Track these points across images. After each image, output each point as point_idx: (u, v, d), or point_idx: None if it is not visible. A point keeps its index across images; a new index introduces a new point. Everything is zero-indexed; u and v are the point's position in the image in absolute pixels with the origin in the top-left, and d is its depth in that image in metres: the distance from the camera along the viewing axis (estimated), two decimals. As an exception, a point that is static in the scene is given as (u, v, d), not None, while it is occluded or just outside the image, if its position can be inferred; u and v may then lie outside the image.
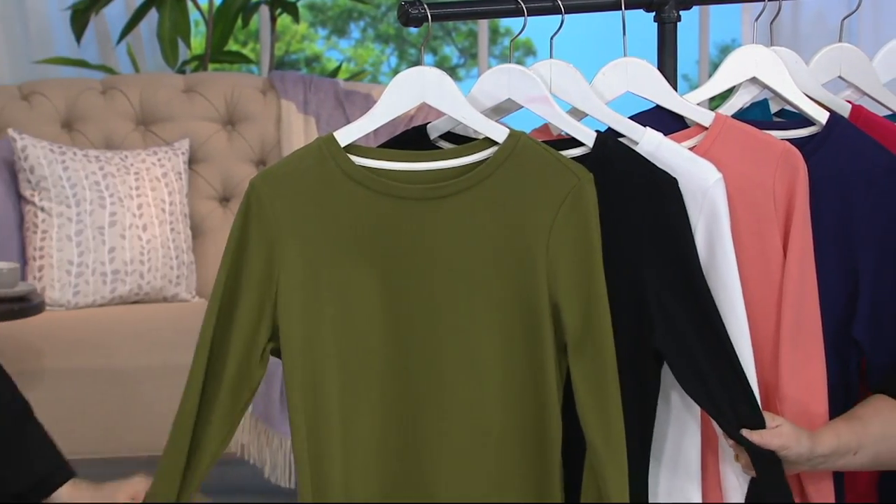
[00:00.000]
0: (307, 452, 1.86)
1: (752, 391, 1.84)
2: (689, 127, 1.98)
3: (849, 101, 2.08)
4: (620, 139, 1.92)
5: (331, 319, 1.85)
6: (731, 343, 1.84)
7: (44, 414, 2.04)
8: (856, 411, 1.90)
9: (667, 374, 1.87)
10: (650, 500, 1.88)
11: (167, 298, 4.21)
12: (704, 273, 1.85)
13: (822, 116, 2.01)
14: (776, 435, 1.84)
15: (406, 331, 1.86)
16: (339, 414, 1.86)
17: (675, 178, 1.86)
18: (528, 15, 1.91)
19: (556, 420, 1.84)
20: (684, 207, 1.86)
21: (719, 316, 1.85)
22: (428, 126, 1.96)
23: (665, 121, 1.97)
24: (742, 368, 1.84)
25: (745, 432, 1.83)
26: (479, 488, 1.86)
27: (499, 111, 1.94)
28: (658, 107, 1.99)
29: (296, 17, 4.95)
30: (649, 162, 1.88)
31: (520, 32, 1.83)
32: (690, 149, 1.92)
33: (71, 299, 4.07)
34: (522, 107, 1.93)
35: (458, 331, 1.85)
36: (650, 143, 1.90)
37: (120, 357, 3.74)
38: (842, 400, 1.95)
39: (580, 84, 1.94)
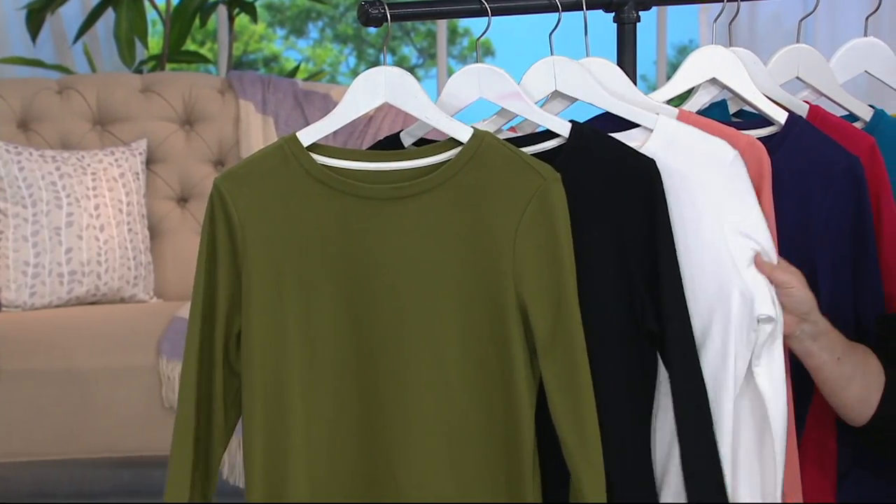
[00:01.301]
0: (262, 453, 1.85)
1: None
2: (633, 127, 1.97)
3: (806, 102, 2.10)
4: (633, 130, 1.92)
5: (293, 320, 1.85)
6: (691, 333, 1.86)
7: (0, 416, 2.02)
8: (857, 345, 1.94)
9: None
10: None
11: (125, 299, 4.19)
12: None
13: (780, 117, 2.02)
14: (786, 270, 1.85)
15: (370, 331, 1.85)
16: (302, 415, 1.85)
17: (653, 161, 1.86)
18: (492, 15, 1.91)
19: (528, 421, 1.84)
20: (663, 191, 1.86)
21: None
22: (401, 133, 1.96)
23: (619, 125, 1.97)
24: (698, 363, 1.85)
25: (758, 259, 1.84)
26: (446, 489, 1.86)
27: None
28: (601, 115, 1.99)
29: (254, 17, 4.94)
30: (627, 147, 1.88)
31: (484, 32, 1.83)
32: (655, 144, 1.93)
33: (27, 300, 4.05)
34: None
35: (423, 332, 1.85)
36: (665, 129, 1.90)
37: (77, 358, 3.71)
38: (799, 393, 1.96)
39: (585, 78, 1.94)
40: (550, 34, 1.98)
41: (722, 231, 1.86)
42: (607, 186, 1.86)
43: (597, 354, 1.83)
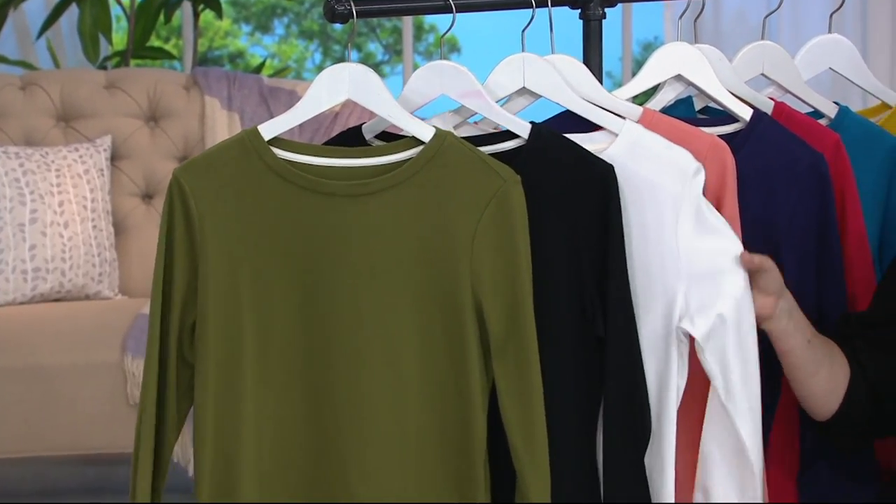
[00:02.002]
0: (212, 444, 1.84)
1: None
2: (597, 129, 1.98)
3: (772, 99, 2.10)
4: (596, 132, 1.92)
5: (248, 313, 1.84)
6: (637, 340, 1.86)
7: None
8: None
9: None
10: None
11: (89, 296, 4.17)
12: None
13: (745, 113, 2.03)
14: (755, 254, 1.86)
15: (325, 327, 1.85)
16: (253, 409, 1.84)
17: (611, 166, 1.86)
18: (457, 12, 1.91)
19: (481, 421, 1.84)
20: (618, 195, 1.86)
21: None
22: (363, 126, 1.95)
23: (579, 124, 1.97)
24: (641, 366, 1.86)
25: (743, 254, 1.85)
26: (399, 488, 1.85)
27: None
28: (569, 111, 1.99)
29: (219, 13, 4.92)
30: (585, 151, 1.88)
31: (449, 28, 1.83)
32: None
33: (-9, 297, 4.02)
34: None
35: (378, 330, 1.84)
36: (630, 134, 1.91)
37: (41, 355, 3.69)
38: (764, 391, 1.97)
39: (553, 76, 1.94)
40: (523, 31, 1.98)
41: (676, 239, 1.87)
42: (564, 189, 1.86)
43: (548, 357, 1.83)
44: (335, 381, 1.85)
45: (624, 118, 1.94)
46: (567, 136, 1.91)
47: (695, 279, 1.86)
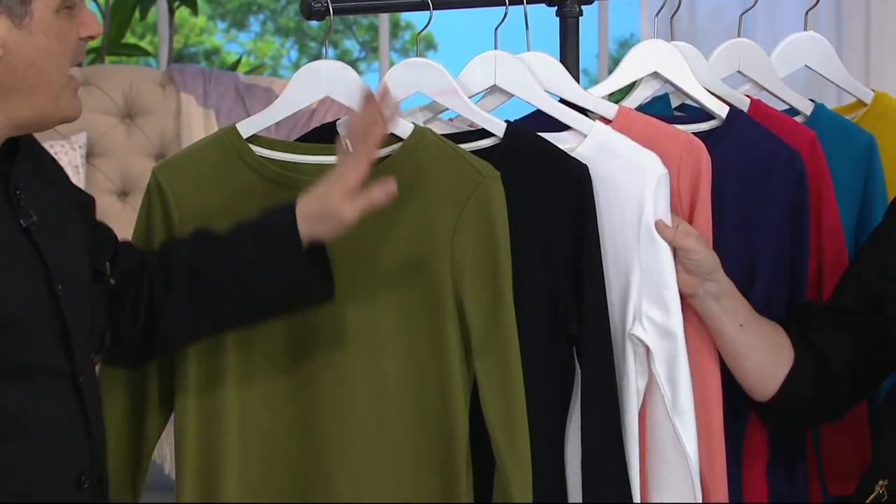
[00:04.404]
0: (195, 449, 1.83)
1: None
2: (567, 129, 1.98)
3: (747, 96, 2.11)
4: (565, 132, 1.93)
5: None
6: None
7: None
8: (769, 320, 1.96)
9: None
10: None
11: (65, 294, 4.15)
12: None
13: (721, 111, 2.03)
14: (687, 234, 1.87)
15: (307, 325, 1.84)
16: (237, 409, 1.84)
17: (585, 165, 1.87)
18: (435, 9, 1.91)
19: (463, 418, 1.84)
20: (593, 196, 1.86)
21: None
22: (338, 122, 1.95)
23: (551, 123, 1.97)
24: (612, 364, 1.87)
25: (660, 224, 1.85)
26: (382, 486, 1.85)
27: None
28: (538, 111, 1.99)
29: (194, 10, 4.91)
30: (560, 150, 1.88)
31: (426, 26, 1.82)
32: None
33: (-34, 295, 4.00)
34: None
35: (359, 327, 1.84)
36: (599, 135, 1.91)
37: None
38: (737, 386, 1.98)
39: (524, 75, 1.94)
40: (496, 28, 1.98)
41: (638, 242, 1.87)
42: (539, 188, 1.86)
43: (523, 354, 1.84)
44: (317, 378, 1.85)
45: (594, 119, 1.94)
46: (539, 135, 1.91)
47: (646, 286, 1.87)
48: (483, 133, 1.92)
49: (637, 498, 1.88)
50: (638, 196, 1.87)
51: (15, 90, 1.52)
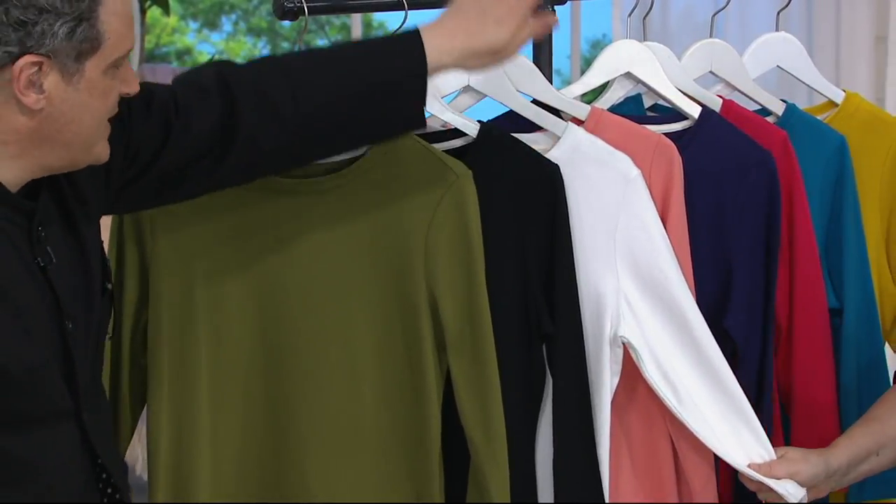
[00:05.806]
0: (167, 445, 1.83)
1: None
2: (540, 130, 1.98)
3: (720, 96, 2.12)
4: (538, 133, 1.93)
5: (202, 312, 1.83)
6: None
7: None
8: (871, 412, 1.92)
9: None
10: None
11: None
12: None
13: (694, 111, 2.04)
14: (783, 462, 1.85)
15: (280, 325, 1.84)
16: (209, 410, 1.83)
17: (557, 166, 1.87)
18: (409, 9, 1.91)
19: (436, 418, 1.84)
20: (565, 197, 1.87)
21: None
22: None
23: (524, 124, 1.97)
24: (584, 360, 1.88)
25: (753, 466, 1.84)
26: (354, 486, 1.86)
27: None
28: (511, 111, 1.99)
29: (166, 10, 4.90)
30: (533, 151, 1.89)
31: (400, 26, 1.82)
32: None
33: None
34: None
35: (333, 327, 1.84)
36: (572, 138, 1.91)
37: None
38: (749, 391, 1.99)
39: (498, 75, 1.94)
40: None
41: (612, 243, 1.88)
42: (512, 189, 1.87)
43: (496, 352, 1.84)
44: (289, 376, 1.84)
45: (567, 121, 1.95)
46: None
47: (631, 289, 1.88)
48: (456, 133, 1.92)
49: (608, 498, 1.88)
50: (614, 199, 1.88)
51: (51, 140, 1.51)
